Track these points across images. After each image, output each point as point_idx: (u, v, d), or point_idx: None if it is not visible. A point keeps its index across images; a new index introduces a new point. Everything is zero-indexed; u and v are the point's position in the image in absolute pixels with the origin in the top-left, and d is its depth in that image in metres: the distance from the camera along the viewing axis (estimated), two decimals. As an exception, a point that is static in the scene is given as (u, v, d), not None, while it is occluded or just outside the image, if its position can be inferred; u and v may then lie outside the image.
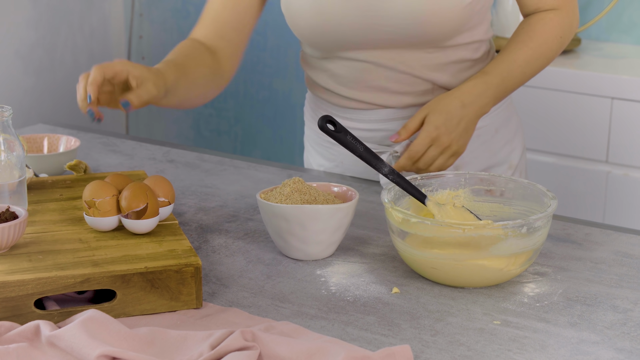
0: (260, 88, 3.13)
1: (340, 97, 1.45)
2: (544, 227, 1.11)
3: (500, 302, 1.09)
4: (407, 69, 1.40)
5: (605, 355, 0.98)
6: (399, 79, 1.40)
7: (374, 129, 1.45)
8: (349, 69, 1.41)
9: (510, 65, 1.38)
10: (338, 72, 1.43)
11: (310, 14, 1.37)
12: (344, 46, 1.39)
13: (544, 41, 1.39)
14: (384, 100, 1.42)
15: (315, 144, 1.55)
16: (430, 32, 1.35)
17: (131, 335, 0.97)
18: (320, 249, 1.19)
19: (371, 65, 1.40)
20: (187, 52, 1.39)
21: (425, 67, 1.40)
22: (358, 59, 1.40)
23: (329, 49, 1.41)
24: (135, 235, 1.14)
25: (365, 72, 1.40)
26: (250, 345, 0.96)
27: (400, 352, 0.95)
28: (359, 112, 1.45)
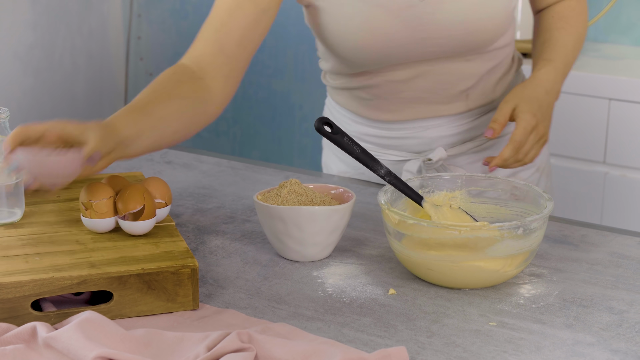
0: (258, 89, 3.13)
1: (370, 107, 1.43)
2: (540, 228, 1.11)
3: (496, 304, 1.09)
4: (445, 78, 1.38)
5: (600, 357, 0.98)
6: (435, 90, 1.39)
7: (405, 137, 1.44)
8: (383, 80, 1.39)
9: (565, 50, 1.40)
10: (371, 84, 1.40)
11: (358, 34, 1.32)
12: (388, 62, 1.36)
13: (579, 24, 1.42)
14: (417, 111, 1.41)
15: (336, 149, 1.54)
16: (479, 38, 1.35)
17: (127, 337, 0.97)
18: (317, 250, 1.19)
19: (410, 77, 1.38)
20: (156, 88, 1.25)
21: (463, 77, 1.39)
22: (397, 72, 1.38)
23: (368, 65, 1.38)
24: (132, 237, 1.14)
25: (401, 83, 1.39)
26: (247, 347, 0.96)
27: (396, 353, 0.95)
28: (389, 123, 1.44)
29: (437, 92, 1.40)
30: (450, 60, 1.37)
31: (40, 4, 2.94)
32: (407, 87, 1.40)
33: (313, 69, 3.02)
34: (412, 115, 1.43)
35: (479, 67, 1.40)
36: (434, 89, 1.40)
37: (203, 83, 1.28)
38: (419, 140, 1.44)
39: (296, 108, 3.08)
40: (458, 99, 1.42)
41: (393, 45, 1.34)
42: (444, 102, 1.41)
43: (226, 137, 3.23)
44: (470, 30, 1.33)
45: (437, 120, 1.43)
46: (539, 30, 1.44)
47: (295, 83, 3.06)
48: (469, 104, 1.43)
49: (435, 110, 1.42)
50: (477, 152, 1.46)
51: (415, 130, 1.44)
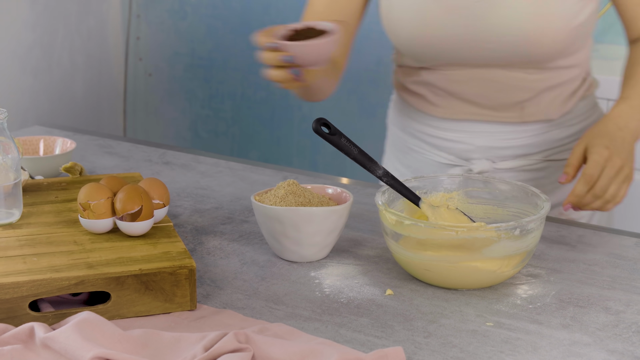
0: (257, 89, 3.13)
1: (427, 102, 1.43)
2: (537, 229, 1.12)
3: (493, 304, 1.10)
4: (500, 87, 1.37)
5: (597, 357, 0.98)
6: (490, 97, 1.38)
7: (454, 140, 1.43)
8: (442, 77, 1.39)
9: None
10: (430, 79, 1.41)
11: (411, 24, 1.34)
12: (442, 59, 1.36)
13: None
14: (469, 112, 1.40)
15: (395, 149, 1.54)
16: (535, 52, 1.32)
17: (125, 337, 0.98)
18: (315, 251, 1.20)
19: (465, 78, 1.37)
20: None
21: (520, 89, 1.37)
22: (454, 71, 1.38)
23: (426, 60, 1.38)
24: (129, 238, 1.14)
25: (457, 83, 1.38)
26: (244, 347, 0.96)
27: (393, 354, 0.95)
28: (443, 120, 1.43)
29: (491, 98, 1.38)
30: (507, 69, 1.35)
31: (39, 4, 2.94)
32: (462, 89, 1.39)
33: (312, 69, 3.02)
34: (465, 115, 1.41)
35: (538, 82, 1.37)
36: (488, 95, 1.38)
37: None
38: (468, 147, 1.42)
39: (295, 109, 3.09)
40: (512, 109, 1.39)
41: (444, 42, 1.34)
42: (498, 108, 1.39)
43: (225, 137, 3.23)
44: (524, 40, 1.30)
45: (488, 126, 1.40)
46: (627, 63, 1.40)
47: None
48: (523, 116, 1.39)
49: (488, 114, 1.40)
50: (527, 171, 1.43)
51: (465, 134, 1.42)
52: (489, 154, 1.42)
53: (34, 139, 1.48)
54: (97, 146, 1.65)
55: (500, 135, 1.41)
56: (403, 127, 1.49)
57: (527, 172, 1.43)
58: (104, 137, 1.70)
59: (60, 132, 1.71)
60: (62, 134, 1.69)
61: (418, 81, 1.43)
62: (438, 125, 1.44)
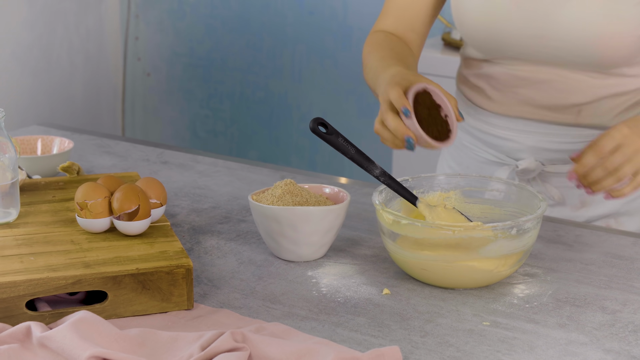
0: (256, 89, 3.13)
1: (484, 96, 1.42)
2: (533, 228, 1.12)
3: (490, 303, 1.10)
4: (560, 87, 1.34)
5: (593, 356, 0.98)
6: (549, 96, 1.35)
7: (504, 138, 1.40)
8: (503, 71, 1.38)
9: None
10: (491, 72, 1.39)
11: (477, 13, 1.33)
12: (506, 53, 1.35)
13: None
14: (523, 110, 1.38)
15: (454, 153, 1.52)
16: (600, 55, 1.29)
17: (122, 337, 0.98)
18: (312, 250, 1.20)
19: (526, 74, 1.36)
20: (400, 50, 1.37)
21: (580, 92, 1.34)
22: (516, 66, 1.36)
23: (489, 52, 1.37)
24: (127, 237, 1.14)
25: (518, 79, 1.37)
26: (241, 347, 0.96)
27: (390, 353, 0.96)
28: (496, 116, 1.41)
29: (549, 98, 1.35)
30: (570, 70, 1.33)
31: (38, 4, 2.94)
32: (521, 84, 1.37)
33: (310, 69, 3.03)
34: (518, 112, 1.39)
35: (599, 87, 1.33)
36: (547, 94, 1.35)
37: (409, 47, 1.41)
38: (518, 145, 1.39)
39: (293, 108, 3.09)
40: (569, 111, 1.36)
41: (509, 36, 1.32)
42: (554, 109, 1.36)
43: (224, 137, 3.23)
44: (590, 42, 1.27)
45: (541, 126, 1.38)
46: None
47: (293, 83, 3.07)
48: (579, 119, 1.36)
49: (542, 114, 1.37)
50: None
51: (517, 133, 1.39)
52: (539, 155, 1.38)
53: (32, 139, 1.48)
54: (95, 146, 1.65)
55: (552, 137, 1.37)
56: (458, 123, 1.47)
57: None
58: (102, 137, 1.70)
59: (58, 131, 1.71)
60: (59, 133, 1.69)
61: (479, 74, 1.42)
62: (491, 121, 1.42)
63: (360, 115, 2.97)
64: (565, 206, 1.38)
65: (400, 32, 1.42)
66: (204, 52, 3.17)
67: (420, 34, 1.42)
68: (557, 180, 1.39)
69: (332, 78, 2.99)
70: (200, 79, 3.22)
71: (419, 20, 1.41)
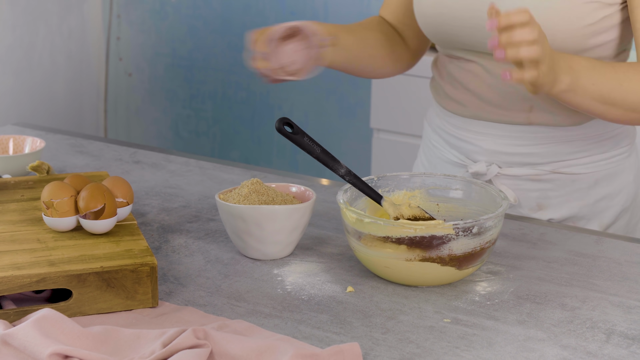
0: (237, 89, 3.14)
1: (444, 95, 1.44)
2: (495, 226, 1.13)
3: (451, 301, 1.11)
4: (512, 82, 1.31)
5: (550, 352, 1.00)
6: (499, 90, 1.36)
7: (463, 140, 1.41)
8: (458, 68, 1.40)
9: (607, 67, 1.24)
10: (449, 70, 1.42)
11: (429, 4, 1.37)
12: (454, 43, 1.38)
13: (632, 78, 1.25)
14: (477, 108, 1.39)
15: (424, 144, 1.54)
16: None
17: (84, 334, 0.99)
18: (278, 248, 1.21)
19: (477, 68, 1.37)
20: (362, 22, 1.49)
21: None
22: (467, 60, 1.38)
23: (442, 45, 1.41)
24: (93, 236, 1.15)
25: (470, 74, 1.38)
26: (202, 344, 0.97)
27: (349, 349, 0.97)
28: (455, 117, 1.42)
29: (499, 93, 1.36)
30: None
31: (19, 4, 2.95)
32: (474, 80, 1.38)
33: (291, 69, 3.03)
34: (473, 112, 1.39)
35: None
36: (499, 91, 1.36)
37: (399, 32, 1.51)
38: (474, 148, 1.40)
39: (275, 108, 3.10)
40: (521, 108, 1.35)
41: (455, 26, 1.34)
42: (506, 106, 1.36)
43: (206, 137, 3.24)
44: None
45: (495, 127, 1.38)
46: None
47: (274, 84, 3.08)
48: (531, 117, 1.36)
49: (496, 113, 1.37)
50: (533, 181, 1.38)
51: (473, 134, 1.40)
52: (495, 158, 1.38)
53: (4, 138, 1.49)
54: (69, 145, 1.66)
55: (506, 140, 1.38)
56: (430, 122, 1.50)
57: (533, 182, 1.38)
58: (76, 137, 1.71)
59: (33, 131, 1.72)
60: (33, 133, 1.70)
61: (441, 73, 1.44)
62: (453, 122, 1.43)
63: (341, 115, 2.98)
64: (522, 209, 1.39)
65: (400, 14, 1.51)
66: (186, 52, 3.18)
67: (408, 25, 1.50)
68: (513, 183, 1.39)
69: (313, 78, 3.00)
70: (182, 79, 3.23)
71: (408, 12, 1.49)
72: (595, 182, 1.38)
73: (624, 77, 1.24)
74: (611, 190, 1.39)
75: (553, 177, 1.38)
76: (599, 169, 1.38)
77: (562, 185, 1.38)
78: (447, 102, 1.44)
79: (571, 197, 1.38)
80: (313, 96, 3.02)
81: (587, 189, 1.38)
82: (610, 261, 1.22)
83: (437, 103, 1.47)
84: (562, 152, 1.37)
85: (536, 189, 1.38)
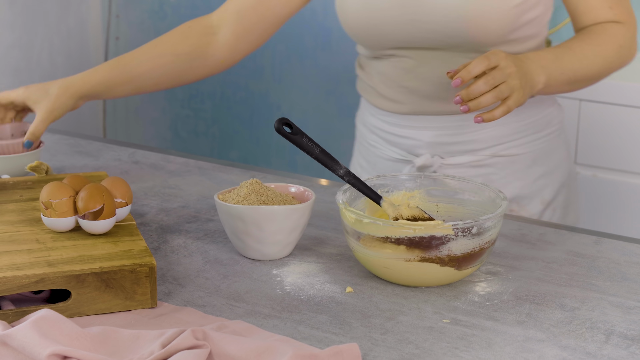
0: (236, 89, 3.14)
1: (378, 95, 1.45)
2: (494, 227, 1.13)
3: (451, 301, 1.11)
4: (443, 71, 1.37)
5: (549, 353, 1.00)
6: (434, 82, 1.39)
7: (404, 136, 1.44)
8: (390, 67, 1.41)
9: (566, 50, 1.33)
10: (381, 70, 1.43)
11: (357, 9, 1.38)
12: (386, 43, 1.39)
13: (602, 42, 1.36)
14: (415, 103, 1.41)
15: (359, 145, 1.55)
16: (470, 35, 1.33)
17: (83, 335, 0.98)
18: (277, 249, 1.21)
19: (410, 64, 1.39)
20: (153, 44, 1.46)
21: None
22: (400, 57, 1.40)
23: (373, 46, 1.41)
24: (92, 236, 1.15)
25: (404, 70, 1.40)
26: (201, 344, 0.97)
27: (348, 350, 0.97)
28: (393, 115, 1.44)
29: (437, 86, 1.39)
30: (450, 54, 1.37)
31: (18, 4, 2.94)
32: (408, 76, 1.40)
33: (291, 69, 3.04)
34: (411, 108, 1.42)
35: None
36: (434, 82, 1.39)
37: (213, 38, 1.48)
38: (415, 142, 1.43)
39: (274, 108, 3.10)
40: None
41: (386, 24, 1.36)
42: (443, 97, 1.40)
43: (205, 137, 3.24)
44: (461, 22, 1.32)
45: (434, 120, 1.41)
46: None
47: (274, 83, 3.08)
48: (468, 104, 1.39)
49: (433, 105, 1.41)
50: (475, 167, 1.44)
51: (413, 130, 1.43)
52: (437, 149, 1.43)
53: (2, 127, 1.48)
54: (68, 145, 1.65)
55: (446, 130, 1.42)
56: (364, 122, 1.52)
57: (475, 168, 1.44)
58: (75, 137, 1.71)
59: (32, 131, 1.71)
60: (33, 133, 1.69)
61: (372, 73, 1.46)
62: (390, 120, 1.46)
63: (340, 115, 2.98)
64: None
65: (227, 12, 1.48)
66: (184, 52, 3.17)
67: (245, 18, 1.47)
68: (457, 172, 1.44)
69: (312, 78, 3.00)
70: (181, 79, 3.22)
71: (248, 5, 1.47)
72: (533, 161, 1.45)
73: (581, 55, 1.33)
74: (548, 168, 1.46)
75: (493, 161, 1.44)
76: (535, 148, 1.45)
77: (503, 167, 1.44)
78: (382, 102, 1.46)
79: (512, 178, 1.44)
80: (312, 96, 3.02)
81: (526, 168, 1.45)
82: (609, 261, 1.22)
83: (370, 104, 1.49)
84: (499, 136, 1.42)
85: (479, 174, 1.44)
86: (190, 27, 1.47)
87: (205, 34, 1.47)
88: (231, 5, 1.48)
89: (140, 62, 1.44)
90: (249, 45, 1.48)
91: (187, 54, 1.45)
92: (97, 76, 1.41)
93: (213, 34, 1.47)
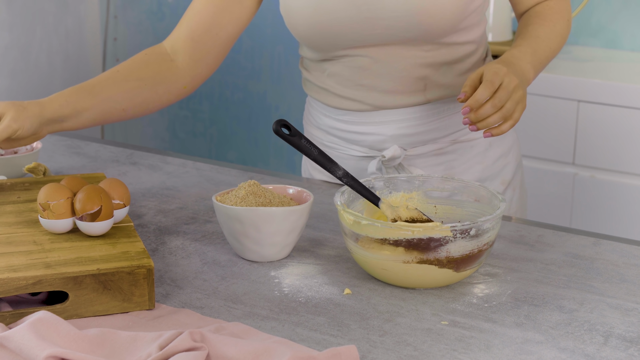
0: (234, 90, 3.14)
1: (334, 96, 1.46)
2: (492, 228, 1.13)
3: (449, 303, 1.11)
4: (401, 66, 1.40)
5: (548, 355, 1.00)
6: (393, 77, 1.41)
7: (366, 133, 1.45)
8: (344, 67, 1.42)
9: (536, 40, 1.39)
10: (334, 71, 1.43)
11: (307, 12, 1.38)
12: (341, 44, 1.39)
13: (556, 21, 1.43)
14: (375, 99, 1.43)
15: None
16: (425, 26, 1.36)
17: (81, 337, 0.98)
18: (275, 250, 1.20)
19: (366, 62, 1.40)
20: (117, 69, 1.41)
21: (420, 65, 1.40)
22: (354, 56, 1.40)
23: (326, 49, 1.41)
24: (89, 238, 1.15)
25: (360, 69, 1.41)
26: (199, 346, 0.97)
27: (346, 352, 0.96)
28: (352, 113, 1.45)
29: (394, 80, 1.41)
30: (406, 47, 1.39)
31: (16, 5, 2.94)
32: (364, 75, 1.42)
33: (289, 70, 3.03)
34: (373, 104, 1.43)
35: (435, 57, 1.41)
36: (391, 77, 1.41)
37: (172, 65, 1.44)
38: (378, 137, 1.45)
39: (272, 109, 3.10)
40: (416, 88, 1.42)
41: (342, 25, 1.37)
42: (402, 91, 1.42)
43: (203, 138, 3.24)
44: (415, 15, 1.34)
45: (395, 114, 1.43)
46: (518, 27, 1.46)
47: (272, 84, 3.08)
48: (427, 95, 1.43)
49: (393, 100, 1.43)
50: (437, 155, 1.47)
51: (375, 126, 1.45)
52: (400, 141, 1.44)
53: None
54: (65, 147, 1.65)
55: (408, 122, 1.44)
56: (317, 124, 1.52)
57: (438, 156, 1.46)
58: (73, 138, 1.71)
59: (29, 132, 1.71)
60: (30, 134, 1.69)
61: (323, 75, 1.46)
62: (348, 119, 1.46)
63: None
64: None
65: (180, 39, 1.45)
66: (183, 53, 3.17)
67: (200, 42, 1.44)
68: (420, 162, 1.47)
69: (310, 79, 3.00)
70: (179, 80, 3.22)
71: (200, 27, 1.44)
72: (490, 144, 1.49)
73: (547, 40, 1.41)
74: (504, 149, 1.51)
75: (454, 148, 1.47)
76: None
77: (463, 153, 1.48)
78: (339, 101, 1.46)
79: (474, 162, 1.48)
80: (310, 97, 3.02)
81: (485, 151, 1.49)
82: (608, 263, 1.22)
83: (323, 104, 1.49)
84: (458, 122, 1.46)
85: (442, 162, 1.47)
86: (147, 54, 1.45)
87: (164, 60, 1.44)
88: (183, 32, 1.44)
89: (105, 86, 1.39)
90: (208, 68, 1.46)
91: (151, 77, 1.41)
92: (63, 98, 1.34)
93: (171, 60, 1.44)
